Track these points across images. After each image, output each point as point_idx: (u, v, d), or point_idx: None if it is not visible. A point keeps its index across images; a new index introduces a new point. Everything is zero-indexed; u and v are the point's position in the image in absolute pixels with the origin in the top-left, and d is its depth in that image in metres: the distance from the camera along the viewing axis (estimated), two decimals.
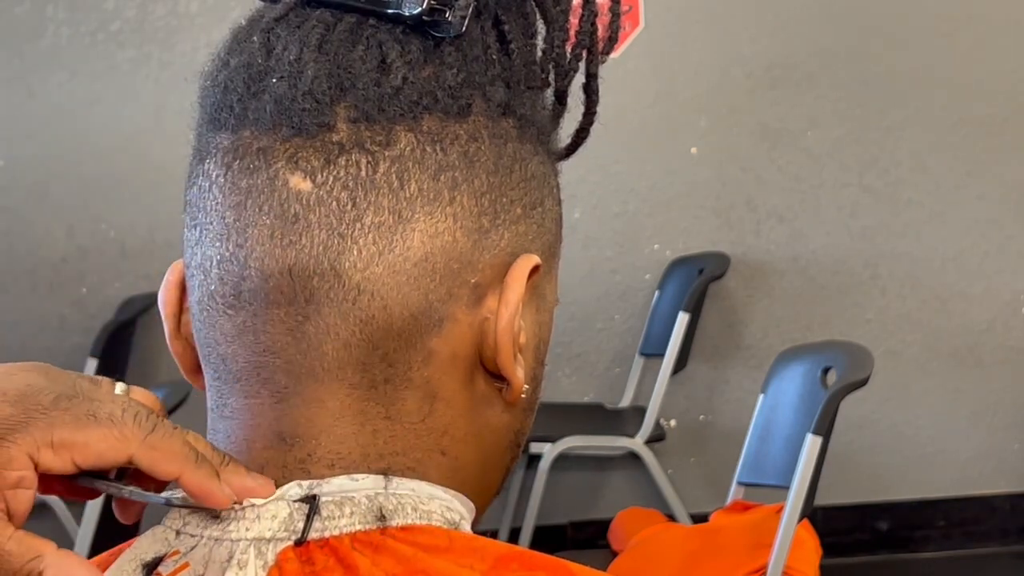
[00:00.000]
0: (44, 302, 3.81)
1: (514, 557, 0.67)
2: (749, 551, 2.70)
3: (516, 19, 0.73)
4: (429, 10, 0.69)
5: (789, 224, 3.89)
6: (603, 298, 3.89)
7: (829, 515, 3.74)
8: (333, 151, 0.68)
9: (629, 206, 3.87)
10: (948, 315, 3.92)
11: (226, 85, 0.70)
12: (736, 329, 3.92)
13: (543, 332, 0.74)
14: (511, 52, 0.72)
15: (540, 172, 0.73)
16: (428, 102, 0.69)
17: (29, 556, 0.64)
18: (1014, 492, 3.95)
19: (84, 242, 3.78)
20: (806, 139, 3.88)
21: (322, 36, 0.69)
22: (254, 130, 0.69)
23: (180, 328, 0.73)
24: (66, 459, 0.65)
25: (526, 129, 0.72)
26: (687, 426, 3.93)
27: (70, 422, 0.65)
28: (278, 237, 0.68)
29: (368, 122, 0.68)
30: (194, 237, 0.71)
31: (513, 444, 0.74)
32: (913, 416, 3.94)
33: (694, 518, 3.59)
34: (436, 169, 0.68)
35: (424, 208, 0.68)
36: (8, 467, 0.64)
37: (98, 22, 3.72)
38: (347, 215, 0.67)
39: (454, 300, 0.69)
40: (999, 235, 3.90)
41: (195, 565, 0.66)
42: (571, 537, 3.90)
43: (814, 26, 3.87)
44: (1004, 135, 3.89)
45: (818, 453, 2.50)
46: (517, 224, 0.71)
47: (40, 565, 0.64)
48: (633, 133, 3.75)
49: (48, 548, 0.64)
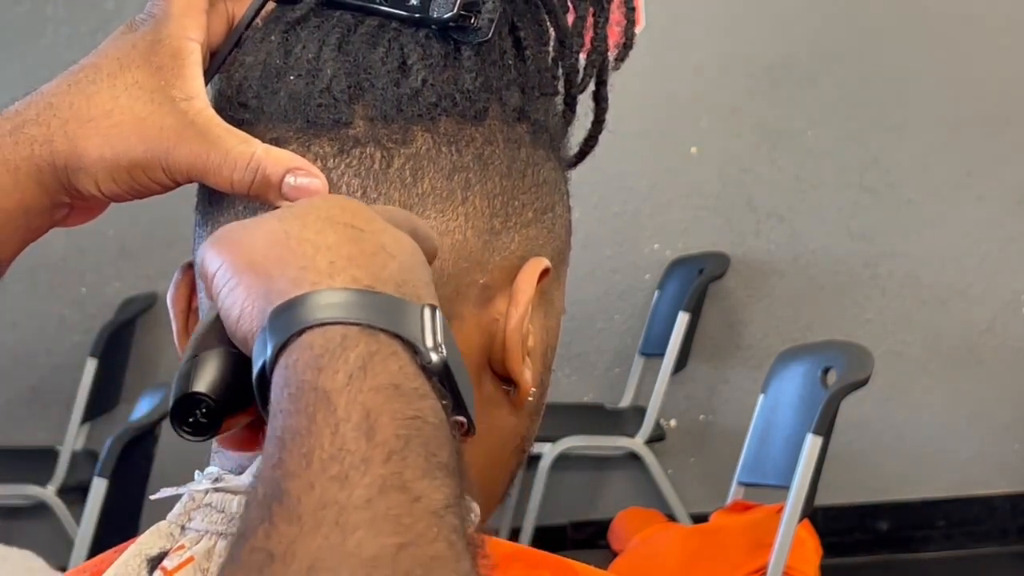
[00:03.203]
0: (44, 302, 3.81)
1: (518, 555, 0.67)
2: (749, 551, 2.70)
3: (531, 26, 0.74)
4: (457, 15, 0.69)
5: (789, 224, 3.89)
6: (603, 298, 3.88)
7: (829, 515, 3.74)
8: (348, 143, 0.68)
9: (629, 206, 3.87)
10: (948, 315, 3.91)
11: (241, 82, 0.71)
12: (736, 329, 3.92)
13: (550, 338, 0.74)
14: (526, 58, 0.73)
15: (552, 178, 0.74)
16: (446, 104, 0.69)
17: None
18: (1014, 492, 3.95)
19: (83, 242, 3.78)
20: (806, 139, 3.88)
21: (342, 37, 0.70)
22: (268, 124, 0.69)
23: (188, 328, 0.73)
24: None
25: (539, 135, 0.73)
26: (687, 426, 3.93)
27: None
28: None
29: (385, 121, 0.68)
30: (206, 232, 0.71)
31: (519, 448, 0.74)
32: (913, 416, 3.94)
33: (694, 518, 3.59)
34: (450, 169, 0.69)
35: (436, 206, 0.68)
36: None
37: (98, 22, 3.72)
38: None
39: (462, 299, 0.69)
40: (999, 235, 3.90)
41: (199, 559, 0.66)
42: (571, 537, 3.90)
43: (814, 26, 3.87)
44: (1004, 135, 3.89)
45: (818, 453, 2.50)
46: (528, 228, 0.71)
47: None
48: (633, 133, 3.75)
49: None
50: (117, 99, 0.69)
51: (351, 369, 0.52)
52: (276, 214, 0.61)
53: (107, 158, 0.68)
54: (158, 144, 0.68)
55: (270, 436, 0.52)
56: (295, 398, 0.51)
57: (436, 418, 0.52)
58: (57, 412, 3.73)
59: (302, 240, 0.57)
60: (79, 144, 0.69)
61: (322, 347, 0.53)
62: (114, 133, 0.68)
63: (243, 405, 0.59)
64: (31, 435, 3.79)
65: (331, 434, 0.50)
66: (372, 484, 0.48)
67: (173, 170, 0.68)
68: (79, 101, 0.69)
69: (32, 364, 3.82)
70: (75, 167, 0.69)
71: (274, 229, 0.58)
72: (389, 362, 0.53)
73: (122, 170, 0.68)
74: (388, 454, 0.50)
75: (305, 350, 0.53)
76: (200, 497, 0.68)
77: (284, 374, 0.53)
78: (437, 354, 0.55)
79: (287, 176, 0.67)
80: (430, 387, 0.53)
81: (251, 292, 0.57)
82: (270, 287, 0.56)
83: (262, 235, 0.58)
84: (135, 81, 0.69)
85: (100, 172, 0.69)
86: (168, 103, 0.68)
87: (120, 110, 0.68)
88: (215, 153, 0.67)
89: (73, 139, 0.69)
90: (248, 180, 0.67)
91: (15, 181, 0.69)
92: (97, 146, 0.68)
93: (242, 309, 0.57)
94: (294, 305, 0.54)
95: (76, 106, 0.69)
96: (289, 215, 0.60)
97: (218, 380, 0.58)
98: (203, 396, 0.58)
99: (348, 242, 0.57)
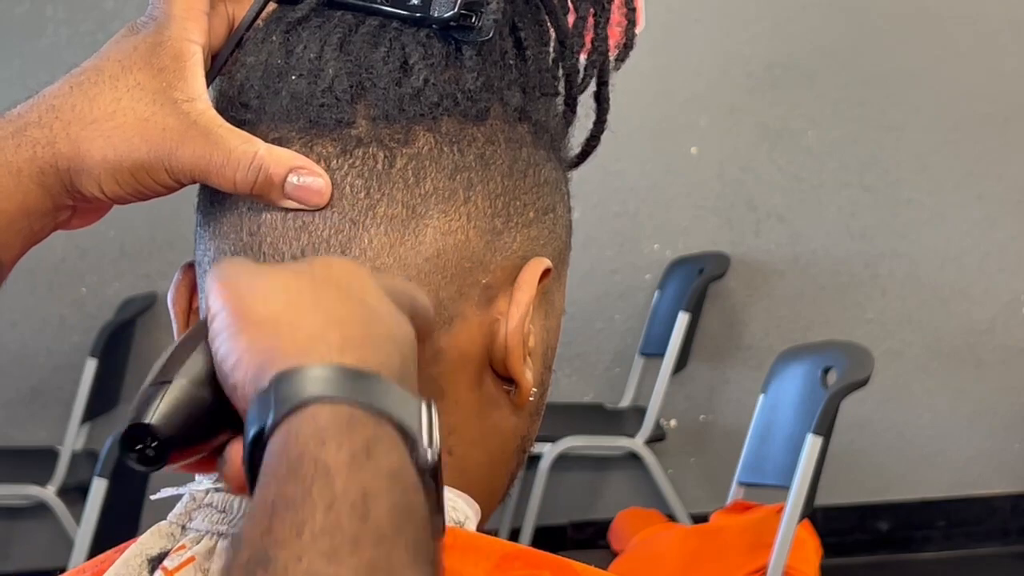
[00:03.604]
0: (44, 302, 3.81)
1: (518, 555, 0.67)
2: (749, 551, 2.70)
3: (532, 26, 0.74)
4: (458, 15, 0.69)
5: (789, 224, 3.89)
6: (603, 298, 3.88)
7: (829, 515, 3.74)
8: (350, 143, 0.69)
9: (629, 206, 3.87)
10: (948, 315, 3.92)
11: (243, 83, 0.71)
12: (736, 329, 3.92)
13: (551, 338, 0.75)
14: (527, 59, 0.73)
15: (553, 178, 0.74)
16: (448, 104, 0.69)
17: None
18: (1014, 492, 3.95)
19: (83, 242, 3.78)
20: (806, 139, 3.88)
21: (344, 37, 0.70)
22: (270, 124, 0.69)
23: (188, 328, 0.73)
24: None
25: (540, 135, 0.73)
26: (687, 426, 3.93)
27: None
28: (291, 219, 0.68)
29: (388, 121, 0.69)
30: (207, 233, 0.71)
31: (519, 449, 0.75)
32: (913, 416, 3.94)
33: (694, 518, 3.59)
34: (452, 169, 0.69)
35: (438, 206, 0.69)
36: None
37: (98, 22, 3.72)
38: (360, 203, 0.68)
39: (464, 299, 0.69)
40: (999, 235, 3.91)
41: (200, 559, 0.66)
42: (571, 537, 3.90)
43: (814, 25, 3.87)
44: (1004, 135, 3.89)
45: (818, 453, 2.50)
46: (529, 228, 0.72)
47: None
48: (633, 133, 3.75)
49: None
50: (119, 101, 0.69)
51: (355, 449, 0.51)
52: (291, 269, 0.60)
53: (110, 159, 0.69)
54: (161, 145, 0.68)
55: (260, 501, 0.51)
56: (293, 467, 0.51)
57: (424, 512, 0.53)
58: (57, 412, 3.73)
59: (316, 306, 0.57)
60: (82, 146, 0.69)
61: (327, 422, 0.52)
62: (117, 135, 0.68)
63: (195, 442, 0.59)
64: (31, 435, 3.80)
65: (325, 508, 0.49)
66: (360, 565, 0.48)
67: (176, 171, 0.68)
68: (81, 103, 0.69)
69: (32, 364, 3.82)
70: (78, 169, 0.69)
71: (288, 286, 0.58)
72: (392, 451, 0.53)
73: (125, 171, 0.69)
74: (379, 538, 0.50)
75: (309, 421, 0.52)
76: (201, 497, 0.69)
77: (284, 441, 0.52)
78: (432, 453, 0.55)
79: (290, 176, 0.67)
80: (421, 483, 0.54)
81: (253, 345, 0.56)
82: (275, 345, 0.56)
83: (275, 289, 0.58)
84: (137, 83, 0.69)
85: (103, 174, 0.69)
86: (170, 104, 0.68)
87: (122, 112, 0.69)
88: (218, 153, 0.67)
89: (76, 141, 0.69)
90: (251, 180, 0.67)
91: (17, 183, 0.70)
92: (100, 148, 0.69)
93: (239, 358, 0.56)
94: (303, 374, 0.54)
95: (78, 108, 0.69)
96: (306, 275, 0.59)
97: (175, 416, 0.58)
98: (155, 430, 0.57)
99: (360, 322, 0.57)
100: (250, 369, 0.56)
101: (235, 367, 0.56)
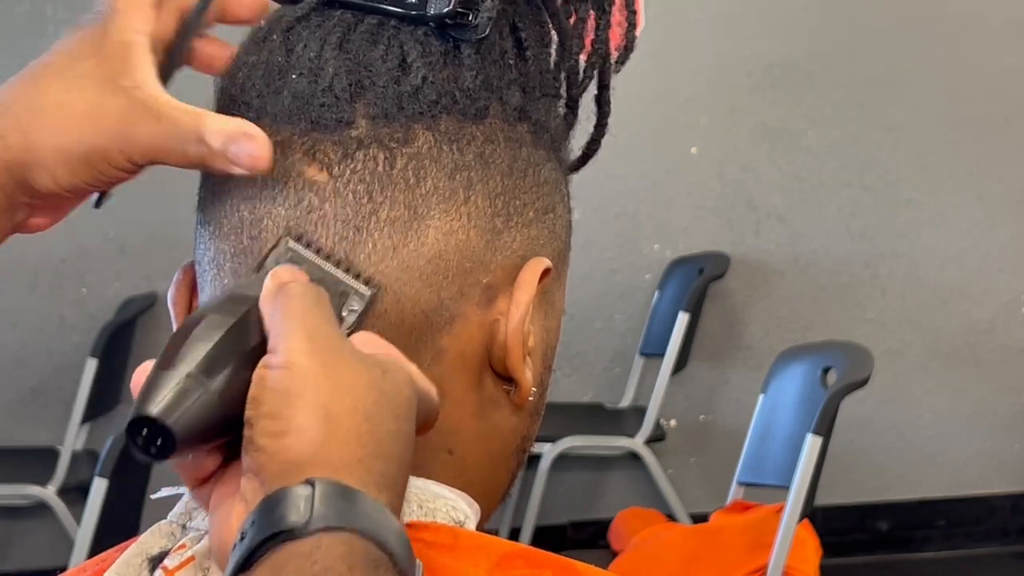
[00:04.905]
0: (44, 302, 3.81)
1: (519, 554, 0.67)
2: (749, 551, 2.70)
3: (532, 27, 0.74)
4: (454, 12, 0.69)
5: (789, 224, 3.89)
6: (603, 298, 3.88)
7: (829, 515, 3.74)
8: (351, 145, 0.68)
9: (629, 206, 3.87)
10: (948, 315, 3.92)
11: (244, 82, 0.71)
12: (736, 329, 3.92)
13: (551, 338, 0.75)
14: (527, 59, 0.73)
15: (552, 178, 0.74)
16: (447, 103, 0.69)
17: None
18: (1014, 492, 3.96)
19: (84, 242, 3.78)
20: (806, 139, 3.88)
21: (343, 35, 0.70)
22: (272, 124, 0.69)
23: None
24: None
25: (540, 135, 0.73)
26: (687, 426, 3.93)
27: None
28: (292, 228, 0.68)
29: (387, 120, 0.69)
30: (208, 232, 0.71)
31: (519, 449, 0.75)
32: (913, 416, 3.94)
33: (694, 518, 3.59)
34: (452, 168, 0.69)
35: (439, 206, 0.69)
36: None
37: None
38: (363, 208, 0.68)
39: (465, 299, 0.69)
40: (999, 235, 3.91)
41: (200, 558, 0.66)
42: (571, 537, 3.90)
43: (814, 26, 3.87)
44: (1004, 135, 3.89)
45: (818, 453, 2.50)
46: (529, 227, 0.72)
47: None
48: (633, 133, 3.75)
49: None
50: (68, 91, 0.69)
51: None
52: (369, 376, 0.61)
53: (62, 147, 0.69)
54: (113, 128, 0.68)
55: None
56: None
57: None
58: (57, 412, 3.73)
59: (372, 434, 0.60)
60: (33, 136, 0.69)
61: (337, 558, 0.56)
62: (67, 122, 0.69)
63: (201, 441, 0.60)
64: (31, 435, 3.80)
65: None
66: None
67: (131, 152, 0.69)
68: (31, 95, 0.70)
69: (32, 364, 3.82)
70: (30, 162, 0.69)
71: (356, 391, 0.60)
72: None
73: (78, 158, 0.69)
74: None
75: (342, 547, 0.56)
76: None
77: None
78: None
79: (230, 146, 0.67)
80: None
81: (302, 436, 0.59)
82: (318, 452, 0.58)
83: (347, 388, 0.60)
84: (85, 72, 0.69)
85: (56, 163, 0.69)
86: (119, 91, 0.69)
87: (72, 100, 0.69)
88: (169, 130, 0.68)
89: (27, 132, 0.69)
90: (203, 152, 0.68)
91: None
92: (51, 136, 0.69)
93: (285, 431, 0.59)
94: (345, 494, 0.57)
95: (28, 99, 0.70)
96: (376, 390, 0.61)
97: (190, 415, 0.59)
98: (165, 425, 0.58)
99: (398, 461, 0.61)
100: (290, 453, 0.59)
101: (279, 436, 0.59)
